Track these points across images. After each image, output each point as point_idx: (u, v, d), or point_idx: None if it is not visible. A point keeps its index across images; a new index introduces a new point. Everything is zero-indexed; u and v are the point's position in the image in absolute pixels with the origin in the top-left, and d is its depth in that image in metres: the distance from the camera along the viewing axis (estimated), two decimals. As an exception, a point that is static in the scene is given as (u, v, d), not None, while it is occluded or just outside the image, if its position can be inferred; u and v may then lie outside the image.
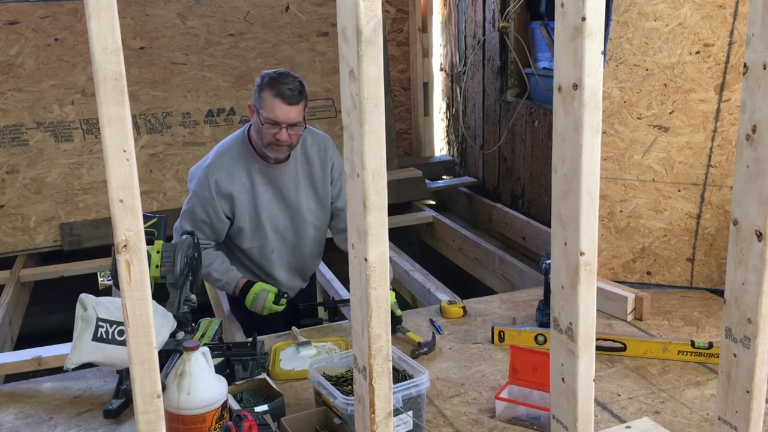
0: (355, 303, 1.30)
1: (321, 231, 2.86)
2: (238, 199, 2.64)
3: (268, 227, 2.71)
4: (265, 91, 2.51)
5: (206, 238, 2.66)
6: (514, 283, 3.69)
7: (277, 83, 2.50)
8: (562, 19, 1.24)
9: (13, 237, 4.10)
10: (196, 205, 2.63)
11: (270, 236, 2.73)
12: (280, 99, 2.49)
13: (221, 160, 2.63)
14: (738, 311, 1.39)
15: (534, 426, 1.99)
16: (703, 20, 2.72)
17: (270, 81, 2.51)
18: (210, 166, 2.62)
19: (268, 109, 2.50)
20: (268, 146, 2.57)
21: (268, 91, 2.51)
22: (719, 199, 2.81)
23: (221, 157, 2.64)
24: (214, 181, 2.60)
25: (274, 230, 2.73)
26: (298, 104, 2.53)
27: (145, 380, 1.20)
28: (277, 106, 2.49)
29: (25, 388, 2.32)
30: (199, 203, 2.62)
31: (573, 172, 1.27)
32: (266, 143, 2.57)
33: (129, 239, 1.13)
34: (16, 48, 4.16)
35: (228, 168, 2.62)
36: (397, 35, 5.52)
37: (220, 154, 2.66)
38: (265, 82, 2.52)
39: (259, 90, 2.54)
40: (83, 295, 1.99)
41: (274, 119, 2.50)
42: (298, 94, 2.52)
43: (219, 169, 2.62)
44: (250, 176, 2.65)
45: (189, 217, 2.64)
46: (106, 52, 1.07)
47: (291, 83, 2.52)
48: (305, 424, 1.91)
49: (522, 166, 4.48)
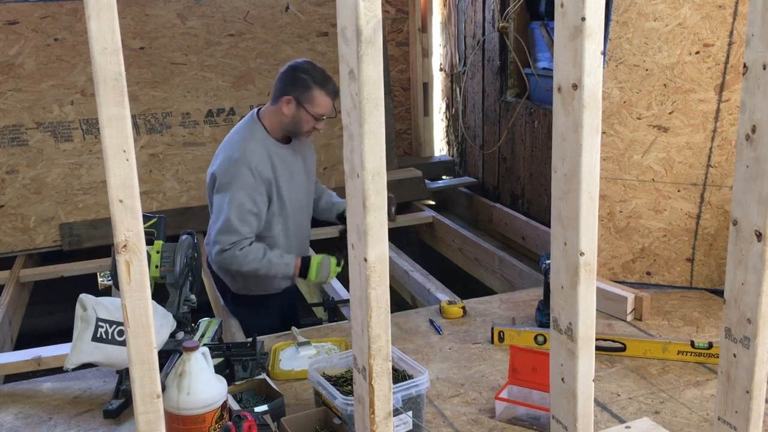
0: (355, 303, 1.30)
1: (311, 209, 3.00)
2: (272, 183, 2.72)
3: (288, 207, 2.80)
4: (316, 89, 2.67)
5: (250, 231, 2.69)
6: (514, 283, 3.69)
7: (327, 81, 2.70)
8: (561, 19, 1.24)
9: (12, 237, 4.10)
10: (242, 197, 2.65)
11: (290, 216, 2.82)
12: (331, 97, 2.71)
13: (252, 147, 2.70)
14: (738, 311, 1.39)
15: (534, 426, 1.99)
16: (702, 20, 2.72)
17: (320, 80, 2.69)
18: (244, 155, 2.67)
19: (319, 105, 2.69)
20: (304, 133, 2.77)
21: (320, 89, 2.68)
22: (719, 199, 2.81)
23: (249, 144, 2.71)
24: (255, 167, 2.66)
25: (292, 210, 2.82)
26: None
27: (144, 380, 1.20)
28: (328, 103, 2.70)
29: (24, 389, 2.32)
30: (246, 194, 2.65)
31: (573, 172, 1.27)
32: (304, 131, 2.75)
33: (129, 239, 1.14)
34: (16, 48, 4.16)
35: (259, 154, 2.70)
36: (397, 35, 5.52)
37: (245, 140, 2.72)
38: (316, 80, 2.68)
39: (306, 86, 2.67)
40: (83, 295, 1.99)
41: (323, 114, 2.71)
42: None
43: (253, 155, 2.68)
44: (271, 159, 2.74)
45: (237, 213, 2.64)
46: (106, 52, 1.07)
47: (332, 80, 2.71)
48: (305, 425, 1.91)
49: (522, 166, 4.48)
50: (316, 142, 4.57)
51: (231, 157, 2.69)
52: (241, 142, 2.72)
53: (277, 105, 2.73)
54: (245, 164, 2.66)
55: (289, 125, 2.74)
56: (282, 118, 2.73)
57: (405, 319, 2.73)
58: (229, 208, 2.64)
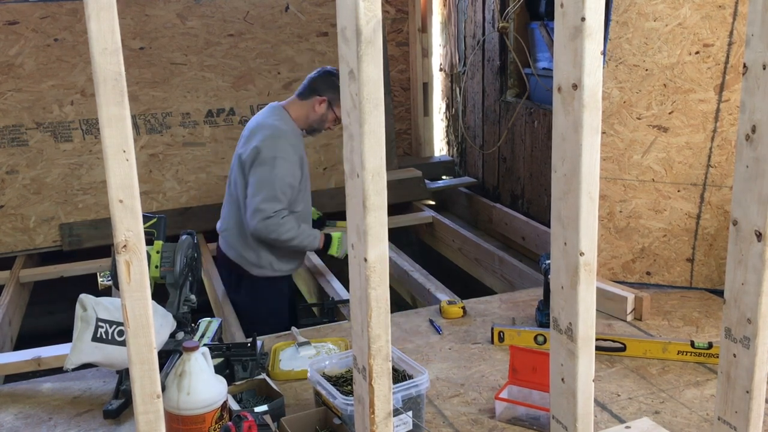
0: (355, 303, 1.30)
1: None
2: (303, 161, 3.06)
3: (308, 187, 3.15)
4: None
5: (288, 203, 2.98)
6: (514, 283, 3.69)
7: None
8: (561, 19, 1.24)
9: (12, 237, 4.10)
10: (285, 170, 2.95)
11: (308, 195, 3.16)
12: None
13: (289, 128, 3.05)
14: (738, 311, 1.39)
15: (534, 426, 1.99)
16: (702, 20, 2.72)
17: None
18: (285, 134, 3.01)
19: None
20: (321, 130, 3.17)
21: None
22: (719, 200, 2.81)
23: (287, 126, 3.05)
24: (294, 144, 3.01)
25: (309, 190, 3.18)
26: None
27: (144, 380, 1.20)
28: None
29: (24, 389, 2.32)
30: (288, 168, 2.96)
31: (573, 172, 1.27)
32: (323, 128, 3.15)
33: (129, 239, 1.14)
34: (16, 48, 4.16)
35: (294, 135, 3.06)
36: (397, 35, 5.52)
37: (283, 122, 3.06)
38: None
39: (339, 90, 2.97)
40: (83, 296, 1.99)
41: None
42: None
43: (292, 135, 3.03)
44: (299, 143, 3.07)
45: (280, 184, 2.93)
46: (105, 52, 1.07)
47: None
48: (305, 425, 1.91)
49: (522, 166, 4.48)
50: (316, 142, 4.59)
51: (274, 134, 2.99)
52: (279, 124, 3.04)
53: (309, 101, 3.08)
54: (287, 141, 2.98)
55: (315, 122, 3.10)
56: (311, 114, 3.08)
57: (405, 319, 2.73)
58: (274, 179, 2.93)
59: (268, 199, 2.91)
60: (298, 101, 3.10)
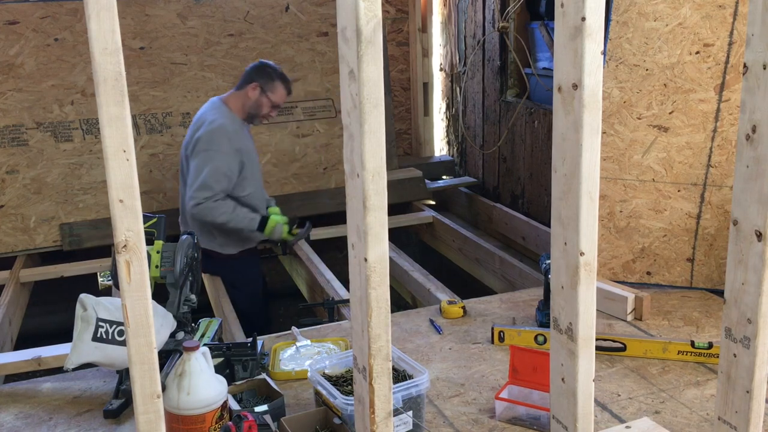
0: (355, 303, 1.30)
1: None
2: (242, 151, 3.33)
3: (256, 172, 3.48)
4: (278, 82, 3.42)
5: (222, 190, 3.26)
6: (514, 283, 3.69)
7: (285, 79, 3.46)
8: (562, 19, 1.24)
9: (13, 237, 4.10)
10: (219, 161, 3.24)
11: (257, 180, 3.50)
12: (286, 91, 3.48)
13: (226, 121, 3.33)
14: (738, 311, 1.39)
15: (534, 426, 1.99)
16: (702, 20, 2.72)
17: (282, 76, 3.45)
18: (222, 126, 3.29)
19: (278, 96, 3.43)
20: (262, 117, 3.46)
21: (281, 83, 3.43)
22: (719, 199, 2.81)
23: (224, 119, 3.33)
24: (230, 137, 3.29)
25: (259, 176, 3.53)
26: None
27: (144, 380, 1.20)
28: (284, 96, 3.47)
29: (25, 389, 2.32)
30: (222, 158, 3.25)
31: (573, 172, 1.27)
32: (261, 114, 3.44)
33: (129, 239, 1.14)
34: (16, 48, 4.16)
35: (232, 126, 3.34)
36: (397, 35, 5.52)
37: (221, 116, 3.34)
38: (278, 75, 3.44)
39: (271, 78, 3.41)
40: (83, 295, 1.99)
41: (279, 103, 3.46)
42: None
43: (229, 127, 3.31)
44: (240, 132, 3.38)
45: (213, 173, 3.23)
46: (106, 52, 1.07)
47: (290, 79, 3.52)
48: (305, 425, 1.91)
49: (522, 166, 4.47)
50: (316, 141, 4.59)
51: (210, 128, 3.28)
52: (216, 117, 3.33)
53: (243, 90, 3.42)
54: (222, 133, 3.28)
55: (252, 108, 3.41)
56: (246, 101, 3.40)
57: (405, 319, 2.73)
58: (206, 169, 3.23)
59: (200, 188, 3.23)
60: (235, 93, 3.45)
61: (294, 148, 4.57)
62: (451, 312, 2.72)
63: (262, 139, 4.46)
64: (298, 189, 4.50)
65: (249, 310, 3.50)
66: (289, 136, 4.57)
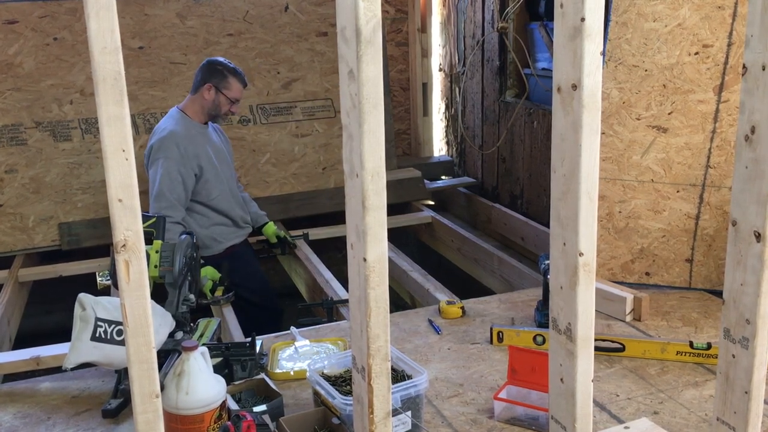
0: (354, 303, 1.30)
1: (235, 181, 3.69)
2: (198, 156, 3.31)
3: (221, 175, 3.44)
4: (231, 78, 3.38)
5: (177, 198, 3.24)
6: (513, 283, 3.69)
7: (237, 73, 3.41)
8: (561, 20, 1.24)
9: (11, 236, 4.09)
10: (170, 168, 3.22)
11: (224, 182, 3.46)
12: (242, 84, 3.43)
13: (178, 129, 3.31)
14: (736, 312, 1.39)
15: (532, 426, 1.99)
16: (702, 21, 2.72)
17: (233, 70, 3.40)
18: (172, 134, 3.27)
19: (234, 91, 3.40)
20: (224, 115, 3.46)
21: (234, 78, 3.39)
22: (718, 200, 2.81)
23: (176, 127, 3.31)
24: (179, 144, 3.26)
25: (225, 178, 3.47)
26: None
27: (143, 380, 1.20)
28: (240, 89, 3.43)
29: (23, 388, 2.32)
30: (173, 165, 3.23)
31: (572, 172, 1.27)
32: (223, 113, 3.43)
33: (128, 239, 1.13)
34: (15, 47, 4.16)
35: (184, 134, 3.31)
36: (397, 35, 5.52)
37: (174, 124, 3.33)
38: (230, 70, 3.39)
39: (223, 75, 3.37)
40: (82, 295, 1.99)
41: (237, 98, 3.42)
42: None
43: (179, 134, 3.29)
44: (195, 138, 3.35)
45: (166, 181, 3.21)
46: (105, 51, 1.07)
47: (241, 70, 3.48)
48: (304, 425, 1.91)
49: (521, 166, 4.48)
50: (315, 141, 4.59)
51: (161, 137, 3.28)
52: (170, 125, 3.33)
53: (199, 93, 3.39)
54: (172, 140, 3.26)
55: (211, 108, 3.39)
56: (204, 103, 3.38)
57: (404, 319, 2.73)
58: (158, 177, 3.23)
59: (156, 197, 3.24)
60: (192, 97, 3.43)
61: (293, 148, 4.56)
62: (449, 312, 2.72)
63: (261, 138, 4.46)
64: (297, 189, 4.50)
65: (263, 303, 3.50)
66: (288, 136, 4.57)
